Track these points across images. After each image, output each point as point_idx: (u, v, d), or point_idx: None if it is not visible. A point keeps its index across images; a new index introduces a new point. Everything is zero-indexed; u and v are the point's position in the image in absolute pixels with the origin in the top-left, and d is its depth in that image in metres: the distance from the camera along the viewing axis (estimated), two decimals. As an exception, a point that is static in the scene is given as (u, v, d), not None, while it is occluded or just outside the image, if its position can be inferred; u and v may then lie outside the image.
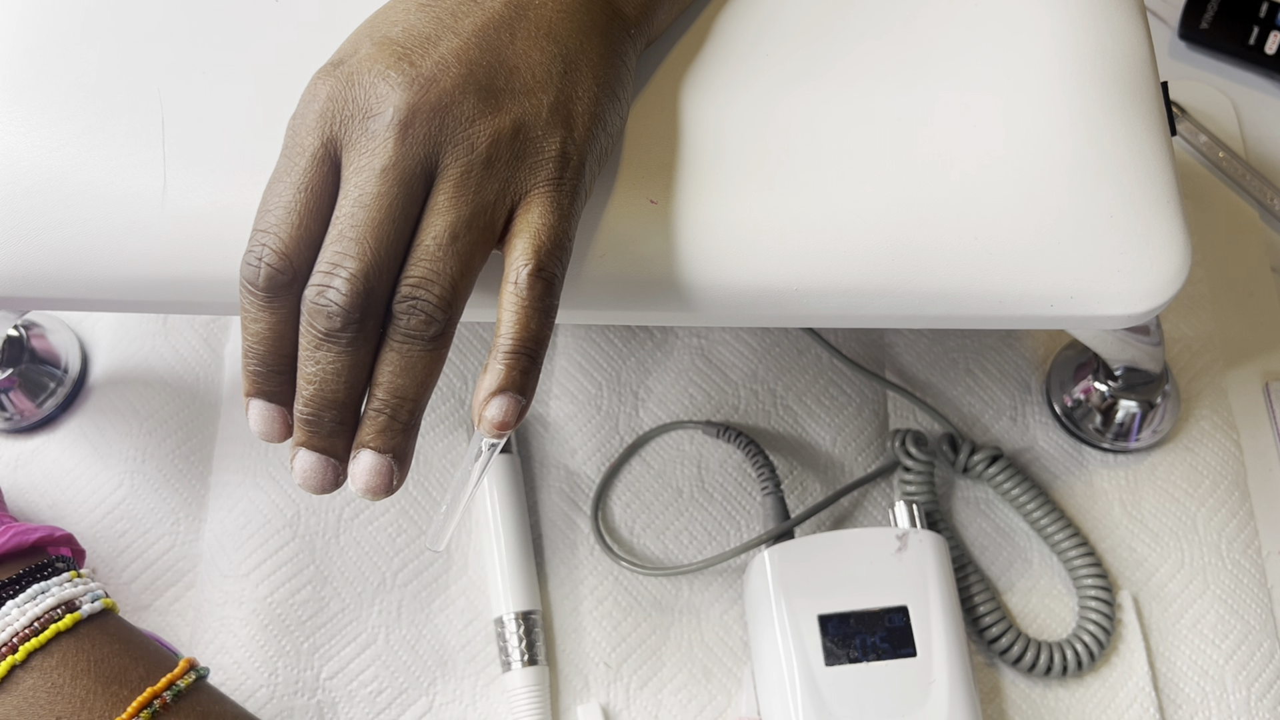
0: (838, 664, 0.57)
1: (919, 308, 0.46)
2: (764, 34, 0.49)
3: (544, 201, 0.40)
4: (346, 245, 0.37)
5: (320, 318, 0.38)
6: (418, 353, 0.38)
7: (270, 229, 0.38)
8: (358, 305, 0.37)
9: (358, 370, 0.38)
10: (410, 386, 0.38)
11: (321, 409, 0.38)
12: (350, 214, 0.38)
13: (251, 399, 0.40)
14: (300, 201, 0.38)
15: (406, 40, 0.40)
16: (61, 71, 0.47)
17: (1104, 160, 0.47)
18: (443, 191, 0.39)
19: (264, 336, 0.39)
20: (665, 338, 0.69)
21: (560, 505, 0.65)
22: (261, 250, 0.38)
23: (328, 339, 0.38)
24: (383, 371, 0.39)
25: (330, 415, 0.39)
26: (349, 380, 0.38)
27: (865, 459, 0.67)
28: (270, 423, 0.40)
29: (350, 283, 0.37)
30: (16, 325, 0.66)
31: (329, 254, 0.38)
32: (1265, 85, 0.79)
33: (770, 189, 0.46)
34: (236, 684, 0.60)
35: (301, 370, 0.39)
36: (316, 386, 0.38)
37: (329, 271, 0.37)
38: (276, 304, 0.39)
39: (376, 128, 0.38)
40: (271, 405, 0.40)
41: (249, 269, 0.38)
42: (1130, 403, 0.66)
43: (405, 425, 0.39)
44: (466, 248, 0.39)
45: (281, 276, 0.38)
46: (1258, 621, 0.63)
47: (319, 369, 0.38)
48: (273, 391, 0.40)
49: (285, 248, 0.38)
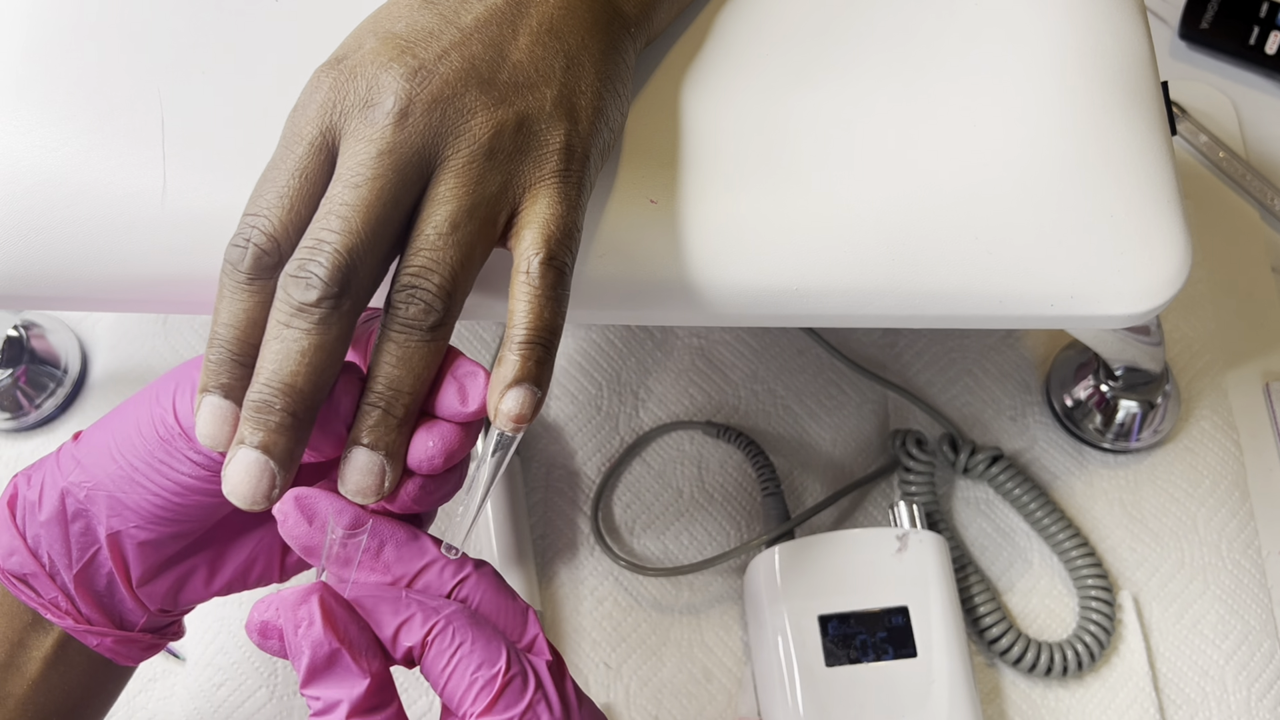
0: (838, 664, 0.57)
1: (919, 308, 0.46)
2: (764, 34, 0.49)
3: (551, 193, 0.40)
4: (332, 222, 0.37)
5: (297, 288, 0.36)
6: (415, 343, 0.38)
7: (261, 212, 0.38)
8: (337, 280, 0.36)
9: (323, 355, 0.37)
10: (407, 379, 0.38)
11: (276, 392, 0.36)
12: (340, 194, 0.37)
13: (205, 394, 0.37)
14: (293, 187, 0.38)
15: (409, 35, 0.40)
16: (61, 71, 0.47)
17: (1104, 160, 0.47)
18: (443, 182, 0.39)
19: (237, 320, 0.37)
20: (665, 338, 0.69)
21: (560, 505, 0.65)
22: (250, 232, 0.38)
23: (300, 313, 0.36)
24: (379, 363, 0.38)
25: (284, 403, 0.36)
26: (313, 364, 0.36)
27: (865, 459, 0.67)
28: (221, 422, 0.37)
29: (334, 256, 0.36)
30: (16, 325, 0.66)
31: (315, 229, 0.37)
32: (1265, 85, 0.79)
33: (770, 189, 0.46)
34: (236, 684, 0.60)
35: (263, 351, 0.37)
36: (276, 365, 0.36)
37: (313, 246, 0.37)
38: (256, 286, 0.38)
39: (376, 116, 0.38)
40: (226, 402, 0.37)
41: (234, 250, 0.38)
42: (1130, 403, 0.66)
43: (400, 421, 0.38)
44: (467, 237, 0.38)
45: (267, 258, 0.37)
46: (1258, 621, 0.63)
47: (283, 346, 0.36)
48: (231, 385, 0.37)
49: (274, 230, 0.38)
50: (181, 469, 0.41)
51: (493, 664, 0.38)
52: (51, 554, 0.43)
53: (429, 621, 0.38)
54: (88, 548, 0.43)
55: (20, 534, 0.43)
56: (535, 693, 0.38)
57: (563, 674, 0.40)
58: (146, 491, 0.42)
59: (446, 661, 0.38)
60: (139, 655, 0.46)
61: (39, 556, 0.43)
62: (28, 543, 0.43)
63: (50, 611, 0.44)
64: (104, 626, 0.44)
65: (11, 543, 0.43)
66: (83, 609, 0.44)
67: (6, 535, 0.43)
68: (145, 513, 0.42)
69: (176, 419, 0.41)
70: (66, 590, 0.43)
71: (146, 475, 0.42)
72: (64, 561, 0.43)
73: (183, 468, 0.41)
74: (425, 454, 0.38)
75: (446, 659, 0.38)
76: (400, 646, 0.38)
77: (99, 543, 0.43)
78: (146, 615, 0.45)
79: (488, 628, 0.39)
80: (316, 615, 0.37)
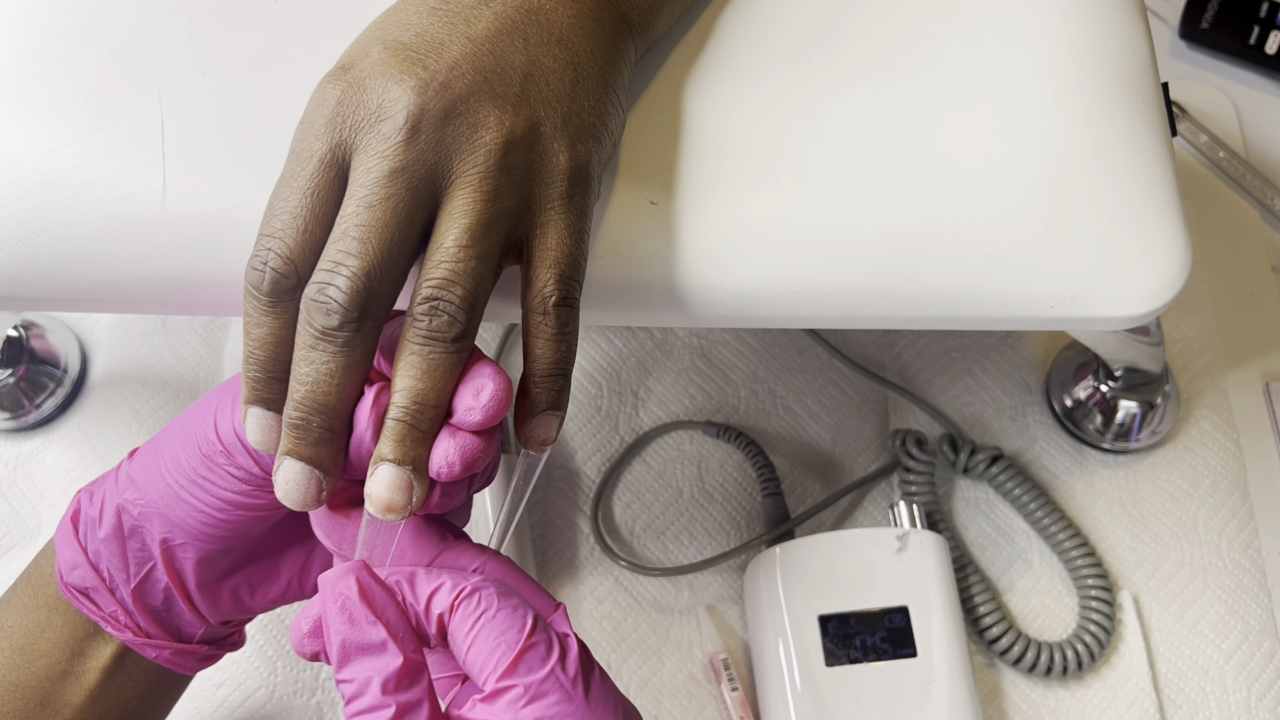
0: (838, 664, 0.57)
1: (919, 309, 0.46)
2: (764, 36, 0.49)
3: (561, 225, 0.40)
4: (349, 244, 0.37)
5: (319, 314, 0.37)
6: (439, 355, 0.38)
7: (276, 233, 0.38)
8: (357, 304, 0.37)
9: (351, 374, 0.38)
10: (431, 391, 0.38)
11: (311, 412, 0.38)
12: (355, 214, 0.38)
13: (250, 406, 0.39)
14: (306, 206, 0.38)
15: (418, 45, 0.39)
16: (61, 71, 0.47)
17: (1104, 161, 0.47)
18: (460, 196, 0.38)
19: (266, 341, 0.38)
20: (665, 338, 0.69)
21: (560, 505, 0.65)
22: (267, 255, 0.38)
23: (324, 337, 0.37)
24: (402, 377, 0.38)
25: (319, 420, 0.38)
26: (341, 383, 0.38)
27: (865, 459, 0.67)
28: (268, 431, 0.39)
29: (351, 280, 0.37)
30: (16, 325, 0.66)
31: (332, 252, 0.37)
32: (1265, 85, 0.79)
33: (771, 190, 0.46)
34: (236, 684, 0.60)
35: (294, 371, 0.38)
36: (308, 388, 0.38)
37: (331, 269, 0.37)
38: (280, 308, 0.38)
39: (387, 131, 0.38)
40: (270, 413, 0.39)
41: (254, 273, 0.38)
42: (1130, 403, 0.66)
43: (426, 434, 0.38)
44: (487, 250, 0.38)
45: (286, 281, 0.38)
46: (1258, 621, 0.63)
47: (312, 369, 0.37)
48: (272, 399, 0.39)
49: (290, 252, 0.38)
50: (224, 485, 0.42)
51: (518, 629, 0.38)
52: (110, 568, 0.44)
53: (458, 586, 0.39)
54: (144, 563, 0.44)
55: (82, 548, 0.45)
56: (558, 663, 0.38)
57: (591, 659, 0.40)
58: (192, 509, 0.43)
59: (471, 625, 0.38)
60: (196, 666, 0.48)
61: (99, 571, 0.45)
62: (89, 557, 0.45)
63: (110, 624, 0.45)
64: (162, 639, 0.46)
65: (74, 557, 0.45)
66: (141, 623, 0.45)
67: (69, 550, 0.45)
68: (193, 529, 0.43)
69: (218, 436, 0.42)
70: (125, 604, 0.45)
71: (192, 492, 0.43)
72: (122, 576, 0.45)
73: (225, 483, 0.42)
74: (445, 462, 0.38)
75: (471, 623, 0.38)
76: (432, 615, 0.39)
77: (154, 558, 0.44)
78: (205, 627, 0.46)
79: (515, 598, 0.39)
80: (354, 590, 0.38)
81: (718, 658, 0.61)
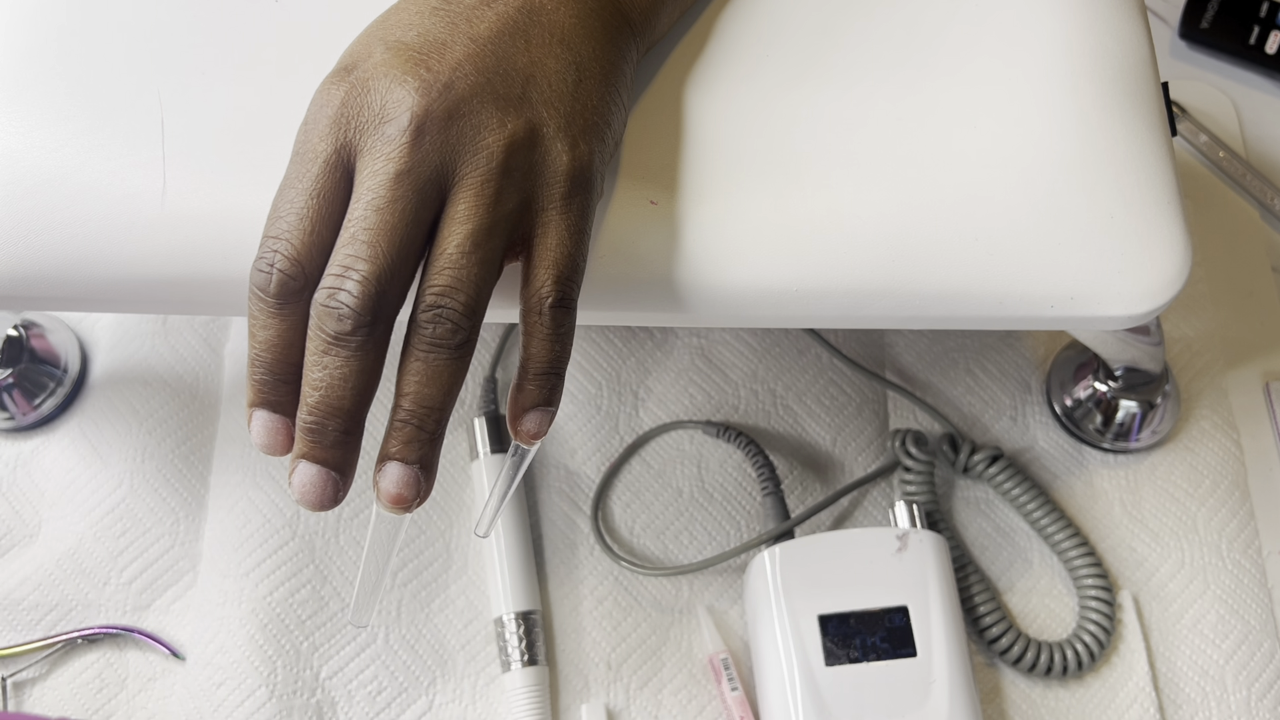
0: (838, 664, 0.57)
1: (919, 309, 0.46)
2: (764, 35, 0.49)
3: (561, 225, 0.40)
4: (359, 248, 0.37)
5: (330, 319, 0.37)
6: (443, 361, 0.38)
7: (282, 235, 0.38)
8: (369, 308, 0.37)
9: (365, 377, 0.38)
10: (436, 396, 0.38)
11: (326, 416, 0.38)
12: (363, 217, 0.37)
13: (255, 409, 0.39)
14: (312, 207, 0.38)
15: (421, 45, 0.39)
16: (61, 71, 0.47)
17: (1104, 160, 0.47)
18: (462, 200, 0.38)
19: (272, 344, 0.38)
20: (665, 338, 0.69)
21: (560, 505, 0.65)
22: (273, 256, 0.38)
23: (336, 342, 0.37)
24: (408, 382, 0.38)
25: (335, 424, 0.38)
26: (356, 387, 0.38)
27: (865, 459, 0.67)
28: (274, 434, 0.39)
29: (362, 285, 0.37)
30: (16, 325, 0.66)
31: (341, 256, 0.37)
32: (1265, 85, 0.79)
33: (770, 190, 0.46)
34: (236, 684, 0.60)
35: (307, 376, 0.38)
36: (323, 393, 0.38)
37: (340, 274, 0.37)
38: (286, 310, 0.38)
39: (392, 132, 0.38)
40: (275, 416, 0.39)
41: (260, 275, 0.38)
42: (1130, 403, 0.66)
43: (432, 435, 0.38)
44: (489, 255, 0.38)
45: (293, 283, 0.38)
46: (1258, 621, 0.63)
47: (326, 374, 0.37)
48: (278, 401, 0.39)
49: (297, 253, 0.38)
50: None
51: None
52: None
53: None
54: None
55: None
56: None
57: None
58: None
59: None
60: None
61: None
62: None
63: None
64: None
65: None
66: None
67: None
68: None
69: None
70: None
71: None
72: None
73: None
74: None
75: None
76: None
77: None
78: None
79: None
80: None
81: (718, 657, 0.61)
